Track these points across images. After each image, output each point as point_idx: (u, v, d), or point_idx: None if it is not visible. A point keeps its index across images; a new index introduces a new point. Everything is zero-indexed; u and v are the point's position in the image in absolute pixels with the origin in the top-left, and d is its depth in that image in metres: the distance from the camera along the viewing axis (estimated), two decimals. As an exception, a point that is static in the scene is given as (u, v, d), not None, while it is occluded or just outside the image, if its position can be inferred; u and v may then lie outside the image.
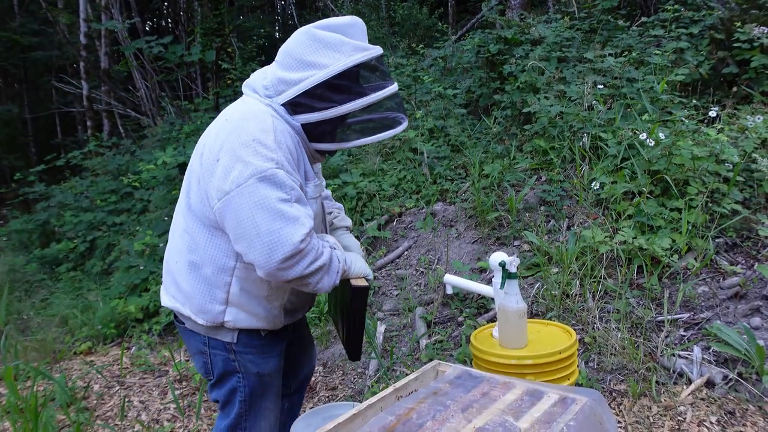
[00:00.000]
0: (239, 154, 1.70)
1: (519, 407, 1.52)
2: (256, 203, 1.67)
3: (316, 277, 1.76)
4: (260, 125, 1.74)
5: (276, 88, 1.82)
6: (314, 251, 1.73)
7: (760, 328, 3.18)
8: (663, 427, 2.79)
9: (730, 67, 4.95)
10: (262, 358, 2.02)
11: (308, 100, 1.77)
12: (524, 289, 3.87)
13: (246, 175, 1.67)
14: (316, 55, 1.75)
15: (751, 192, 3.94)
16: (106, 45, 11.44)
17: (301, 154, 1.84)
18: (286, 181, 1.70)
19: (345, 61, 1.73)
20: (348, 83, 1.76)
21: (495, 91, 6.30)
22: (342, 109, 1.75)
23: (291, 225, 1.67)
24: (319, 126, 1.81)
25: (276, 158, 1.70)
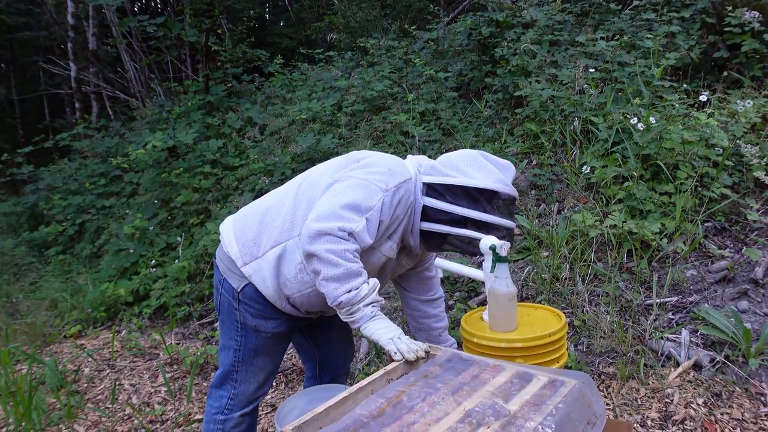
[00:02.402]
0: (372, 167, 2.01)
1: (509, 390, 1.53)
2: (345, 188, 1.93)
3: (328, 268, 1.85)
4: (401, 171, 2.05)
5: (427, 170, 2.13)
6: (344, 246, 1.85)
7: (747, 312, 3.21)
8: (650, 409, 2.82)
9: (721, 51, 4.95)
10: (263, 316, 2.13)
11: (444, 190, 2.05)
12: (514, 272, 3.88)
13: (360, 176, 1.97)
14: (470, 167, 2.08)
15: (740, 176, 3.96)
16: (94, 26, 11.29)
17: (404, 220, 2.06)
18: (377, 203, 1.92)
19: (487, 182, 2.04)
20: (480, 198, 2.03)
21: (486, 75, 6.28)
22: (461, 211, 2.02)
23: (345, 215, 1.86)
24: (436, 213, 2.05)
25: (388, 188, 1.96)
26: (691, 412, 2.76)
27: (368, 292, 1.88)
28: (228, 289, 2.15)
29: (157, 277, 5.32)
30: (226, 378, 2.22)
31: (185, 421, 3.39)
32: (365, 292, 1.87)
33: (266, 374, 2.27)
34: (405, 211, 2.05)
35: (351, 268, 1.85)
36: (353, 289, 1.85)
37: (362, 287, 1.87)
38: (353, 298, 1.85)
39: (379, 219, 1.94)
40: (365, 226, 1.89)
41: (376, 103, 6.57)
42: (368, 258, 2.02)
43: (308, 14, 14.44)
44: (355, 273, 1.86)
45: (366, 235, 1.89)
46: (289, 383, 3.68)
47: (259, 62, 9.57)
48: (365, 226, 1.88)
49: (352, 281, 1.85)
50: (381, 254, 2.06)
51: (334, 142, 5.75)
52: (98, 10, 10.95)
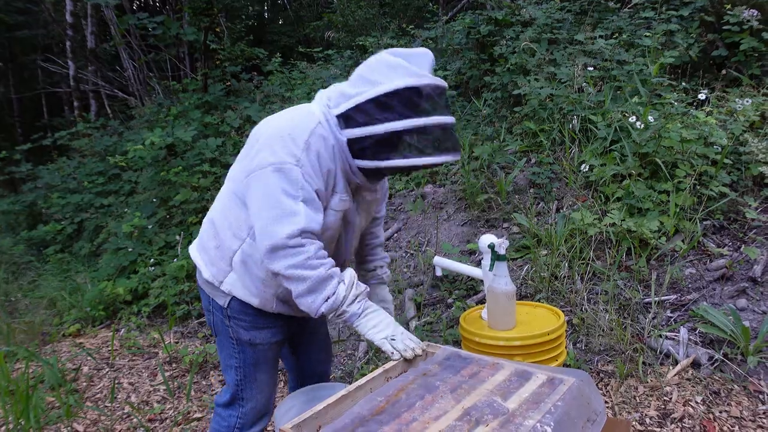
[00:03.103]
0: (272, 141, 1.81)
1: (507, 388, 1.53)
2: (265, 189, 1.78)
3: (296, 285, 1.77)
4: (302, 124, 1.83)
5: (336, 100, 1.88)
6: (303, 257, 1.75)
7: (746, 310, 3.22)
8: (649, 407, 2.83)
9: (720, 49, 4.95)
10: (256, 329, 2.06)
11: (357, 114, 1.81)
12: (513, 271, 3.88)
13: (267, 162, 1.78)
14: (374, 73, 1.81)
15: (739, 175, 3.97)
16: (93, 24, 11.28)
17: (337, 167, 1.88)
18: (299, 179, 1.76)
19: (396, 82, 1.76)
20: (395, 104, 1.77)
21: (485, 73, 6.28)
22: (383, 128, 1.77)
23: (284, 218, 1.74)
24: (361, 142, 1.83)
25: (299, 156, 1.77)
26: (690, 410, 2.76)
27: (347, 291, 1.81)
28: (217, 307, 2.08)
29: (156, 275, 5.32)
30: (234, 399, 2.16)
31: (184, 419, 3.40)
32: (343, 293, 1.80)
33: (272, 388, 2.22)
34: (332, 159, 1.87)
35: (319, 276, 1.76)
36: (330, 296, 1.78)
37: (338, 289, 1.79)
38: (333, 304, 1.79)
39: (315, 187, 1.81)
40: (306, 210, 1.77)
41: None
42: (326, 222, 1.90)
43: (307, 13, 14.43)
44: (324, 279, 1.77)
45: (315, 219, 1.78)
46: (287, 382, 3.68)
47: (257, 61, 9.55)
48: (307, 211, 1.77)
49: (325, 289, 1.77)
50: (334, 212, 1.92)
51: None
52: (97, 9, 10.93)
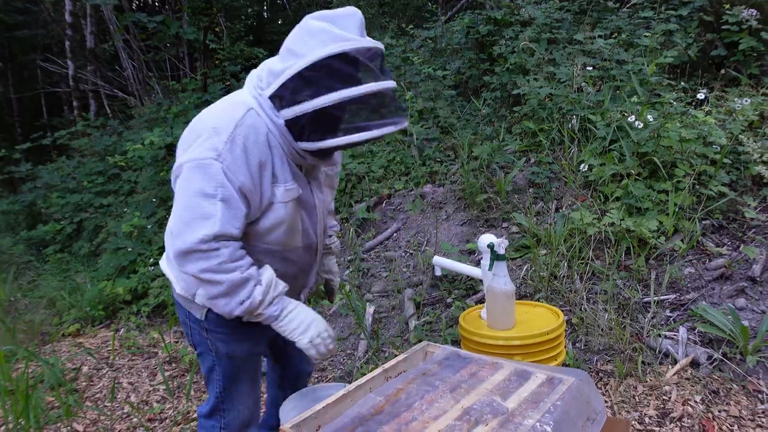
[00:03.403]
0: (196, 136, 1.70)
1: (507, 387, 1.53)
2: (183, 187, 1.68)
3: (210, 288, 1.70)
4: (228, 115, 1.70)
5: (267, 80, 1.73)
6: (217, 261, 1.66)
7: (745, 309, 3.22)
8: (648, 407, 2.83)
9: (719, 49, 4.95)
10: (234, 341, 1.97)
11: (286, 93, 1.66)
12: (512, 270, 3.89)
13: (188, 158, 1.68)
14: (298, 44, 1.64)
15: (738, 174, 3.97)
16: (92, 24, 11.27)
17: (275, 155, 1.75)
18: (218, 176, 1.64)
19: (319, 51, 1.59)
20: (322, 76, 1.60)
21: (484, 73, 6.28)
22: (312, 104, 1.61)
23: (198, 221, 1.64)
24: (298, 122, 1.68)
25: (221, 150, 1.64)
26: (689, 410, 2.77)
27: (263, 294, 1.73)
28: (194, 320, 1.97)
29: (156, 275, 5.32)
30: (214, 410, 2.07)
31: (184, 419, 3.40)
32: (260, 296, 1.72)
33: (255, 398, 2.14)
34: (267, 148, 1.72)
35: (233, 279, 1.68)
36: (245, 299, 1.70)
37: (255, 292, 1.71)
38: (249, 307, 1.72)
39: (239, 184, 1.66)
40: (223, 212, 1.65)
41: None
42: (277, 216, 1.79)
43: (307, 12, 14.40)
44: (239, 283, 1.69)
45: (232, 221, 1.66)
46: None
47: (257, 60, 9.55)
48: (224, 213, 1.65)
49: (240, 292, 1.70)
50: (283, 204, 1.79)
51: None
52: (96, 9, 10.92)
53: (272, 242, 1.84)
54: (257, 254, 1.83)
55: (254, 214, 1.75)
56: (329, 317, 4.22)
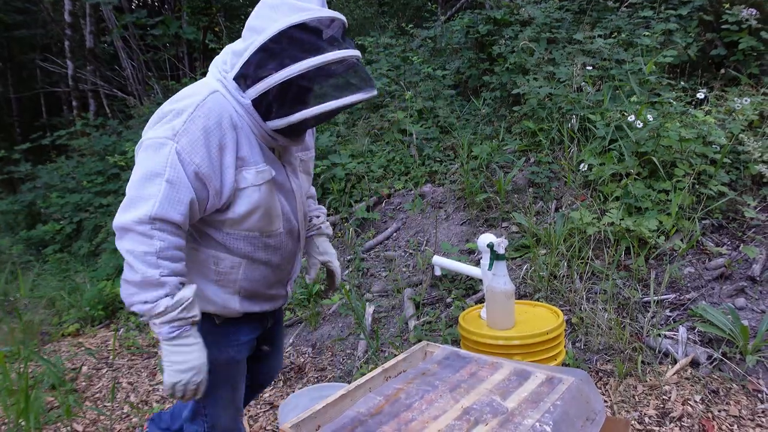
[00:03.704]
0: (158, 117, 1.67)
1: (506, 387, 1.53)
2: (137, 165, 1.64)
3: (128, 272, 1.60)
4: (190, 98, 1.66)
5: (231, 62, 1.70)
6: (144, 249, 1.57)
7: (745, 309, 3.22)
8: (648, 406, 2.83)
9: (719, 49, 4.95)
10: (217, 347, 1.85)
11: (250, 70, 1.63)
12: (512, 270, 3.89)
13: (147, 137, 1.64)
14: (259, 20, 1.62)
15: (738, 174, 3.97)
16: (92, 24, 11.27)
17: (241, 137, 1.69)
18: (170, 156, 1.58)
19: (280, 22, 1.57)
20: (284, 47, 1.58)
21: (484, 72, 6.28)
22: (277, 77, 1.58)
23: (137, 201, 1.57)
24: (264, 100, 1.64)
25: (177, 130, 1.60)
26: (689, 409, 2.77)
27: (167, 309, 1.59)
28: None
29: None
30: (196, 414, 1.99)
31: (183, 419, 3.39)
32: (161, 309, 1.58)
33: (237, 406, 2.05)
34: (231, 131, 1.67)
35: (149, 277, 1.56)
36: (148, 301, 1.58)
37: (159, 302, 1.58)
38: (147, 311, 1.60)
39: (194, 167, 1.60)
40: (166, 194, 1.57)
41: (373, 101, 6.56)
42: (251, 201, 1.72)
43: (306, 12, 14.40)
44: (152, 283, 1.57)
45: (173, 207, 1.58)
46: (287, 381, 3.68)
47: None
48: (167, 194, 1.57)
49: (147, 292, 1.58)
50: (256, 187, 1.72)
51: (332, 140, 5.74)
52: (95, 8, 10.92)
53: (251, 228, 1.77)
54: (237, 242, 1.79)
55: (214, 200, 1.68)
56: (329, 317, 4.22)
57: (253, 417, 3.34)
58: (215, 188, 1.66)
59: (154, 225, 1.56)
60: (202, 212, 1.69)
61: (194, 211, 1.65)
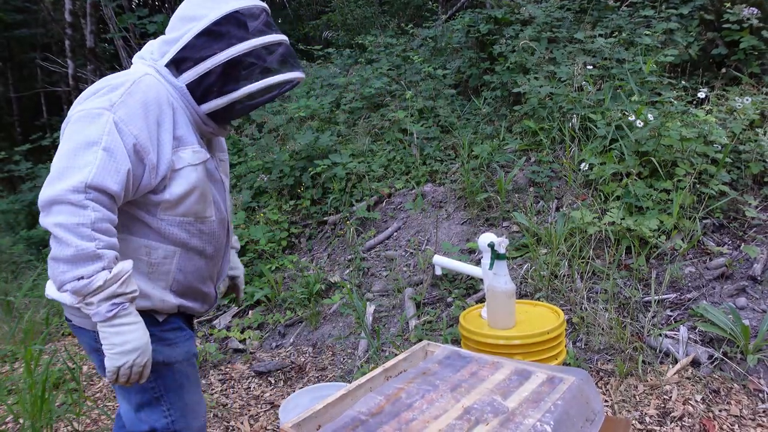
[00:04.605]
0: (89, 93, 1.62)
1: (507, 387, 1.53)
2: (66, 137, 1.55)
3: (57, 247, 1.48)
4: (124, 75, 1.66)
5: (160, 50, 1.73)
6: (77, 220, 1.46)
7: (746, 308, 3.22)
8: (649, 406, 2.83)
9: (720, 48, 4.95)
10: (167, 345, 1.77)
11: (189, 53, 1.68)
12: (513, 269, 3.88)
13: (78, 109, 1.58)
14: (196, 8, 1.70)
15: (739, 173, 3.97)
16: (92, 23, 11.26)
17: (177, 117, 1.70)
18: (107, 124, 1.53)
19: (224, 7, 1.68)
20: (229, 29, 1.68)
21: (485, 72, 6.28)
22: (221, 56, 1.66)
23: (72, 169, 1.48)
24: (202, 82, 1.69)
25: (114, 101, 1.56)
26: (690, 409, 2.76)
27: (106, 283, 1.49)
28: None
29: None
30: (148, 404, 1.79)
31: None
32: (99, 283, 1.47)
33: (204, 408, 1.92)
34: (169, 106, 1.67)
35: (84, 249, 1.45)
36: (83, 276, 1.47)
37: (97, 276, 1.47)
38: (82, 288, 1.48)
39: (132, 139, 1.56)
40: (104, 160, 1.49)
41: (374, 101, 6.56)
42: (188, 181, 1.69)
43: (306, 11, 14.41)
44: (87, 256, 1.46)
45: (111, 176, 1.50)
46: (287, 381, 3.68)
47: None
48: (104, 162, 1.49)
49: (83, 266, 1.46)
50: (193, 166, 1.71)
51: (332, 140, 5.74)
52: (96, 8, 10.92)
53: (186, 212, 1.72)
54: (172, 228, 1.72)
55: (149, 177, 1.62)
56: (330, 317, 4.21)
57: (253, 416, 3.34)
58: (152, 163, 1.61)
59: (89, 194, 1.47)
60: (135, 191, 1.62)
61: (128, 187, 1.57)
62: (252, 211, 5.57)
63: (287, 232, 5.23)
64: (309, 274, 4.52)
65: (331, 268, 4.75)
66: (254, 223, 5.26)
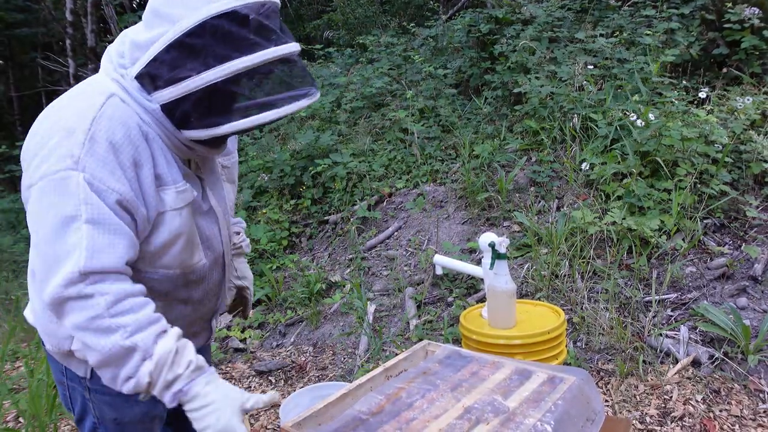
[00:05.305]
0: (42, 144, 1.27)
1: (508, 386, 1.53)
2: (36, 215, 1.26)
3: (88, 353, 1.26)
4: (81, 107, 1.28)
5: (131, 55, 1.32)
6: (92, 313, 1.21)
7: (747, 308, 3.22)
8: (649, 406, 2.83)
9: (721, 48, 4.94)
10: (125, 401, 1.49)
11: (159, 69, 1.27)
12: (514, 269, 3.88)
13: (37, 176, 1.25)
14: (171, 5, 1.24)
15: (740, 173, 3.96)
16: (93, 22, 11.27)
17: (154, 149, 1.35)
18: (80, 190, 1.21)
19: (203, 10, 1.21)
20: (209, 42, 1.23)
21: (485, 71, 6.27)
22: (199, 80, 1.24)
23: (58, 262, 1.21)
24: (180, 106, 1.29)
25: (78, 156, 1.22)
26: (690, 409, 2.76)
27: (153, 377, 1.24)
28: (74, 378, 1.51)
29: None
30: None
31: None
32: (147, 380, 1.23)
33: None
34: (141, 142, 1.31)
35: (110, 348, 1.21)
36: (130, 377, 1.24)
37: (140, 373, 1.23)
38: (140, 387, 1.25)
39: (115, 196, 1.24)
40: (91, 238, 1.21)
41: (375, 100, 6.56)
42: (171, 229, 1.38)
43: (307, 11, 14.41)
44: (119, 354, 1.22)
45: (108, 252, 1.22)
46: (288, 380, 3.68)
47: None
48: (92, 239, 1.21)
49: (122, 367, 1.23)
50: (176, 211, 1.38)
51: (333, 139, 5.74)
52: (97, 7, 10.92)
53: (169, 265, 1.41)
54: (152, 284, 1.40)
55: (144, 230, 1.34)
56: (330, 316, 4.22)
57: (254, 416, 3.34)
58: (142, 216, 1.32)
59: (89, 280, 1.21)
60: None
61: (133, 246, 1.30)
62: (253, 210, 5.57)
63: (288, 231, 5.23)
64: (310, 274, 4.52)
65: (331, 268, 4.75)
66: (255, 223, 5.27)
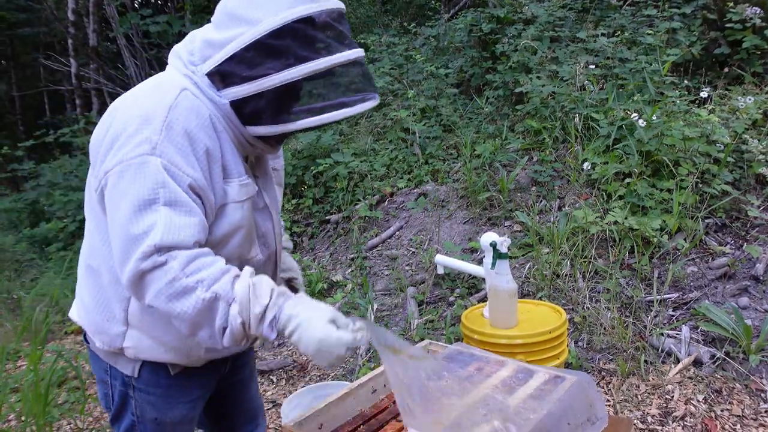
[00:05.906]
0: (120, 130, 1.34)
1: (511, 383, 1.53)
2: (114, 200, 1.32)
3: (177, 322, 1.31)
4: (156, 98, 1.37)
5: (202, 53, 1.41)
6: (165, 279, 1.26)
7: (748, 308, 3.22)
8: (651, 406, 2.83)
9: (722, 47, 4.94)
10: (167, 403, 1.56)
11: (236, 67, 1.35)
12: (515, 269, 3.88)
13: (115, 161, 1.31)
14: (250, 7, 1.32)
15: (741, 173, 3.96)
16: (95, 22, 11.28)
17: (222, 142, 1.41)
18: (158, 173, 1.28)
19: (283, 14, 1.30)
20: (288, 44, 1.31)
21: (487, 71, 6.27)
22: (277, 78, 1.31)
23: (136, 241, 1.27)
24: (251, 102, 1.37)
25: (156, 141, 1.29)
26: (692, 409, 2.76)
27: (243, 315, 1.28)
28: (118, 377, 1.55)
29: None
30: None
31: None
32: (239, 320, 1.28)
33: None
34: (212, 133, 1.39)
35: (195, 306, 1.26)
36: (224, 327, 1.29)
37: (230, 317, 1.28)
38: (237, 335, 1.29)
39: (188, 180, 1.31)
40: (168, 218, 1.27)
41: (376, 100, 6.56)
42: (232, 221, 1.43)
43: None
44: (206, 308, 1.27)
45: (181, 227, 1.28)
46: (289, 380, 3.68)
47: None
48: (169, 219, 1.27)
49: (212, 320, 1.28)
50: (238, 204, 1.44)
51: (334, 139, 5.74)
52: (99, 6, 10.93)
53: (229, 256, 1.42)
54: None
55: (209, 218, 1.39)
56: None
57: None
58: (210, 204, 1.38)
59: (161, 253, 1.26)
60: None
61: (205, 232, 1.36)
62: (254, 210, 5.57)
63: (289, 231, 5.23)
64: (311, 273, 4.52)
65: (333, 267, 4.76)
66: (256, 222, 5.27)
